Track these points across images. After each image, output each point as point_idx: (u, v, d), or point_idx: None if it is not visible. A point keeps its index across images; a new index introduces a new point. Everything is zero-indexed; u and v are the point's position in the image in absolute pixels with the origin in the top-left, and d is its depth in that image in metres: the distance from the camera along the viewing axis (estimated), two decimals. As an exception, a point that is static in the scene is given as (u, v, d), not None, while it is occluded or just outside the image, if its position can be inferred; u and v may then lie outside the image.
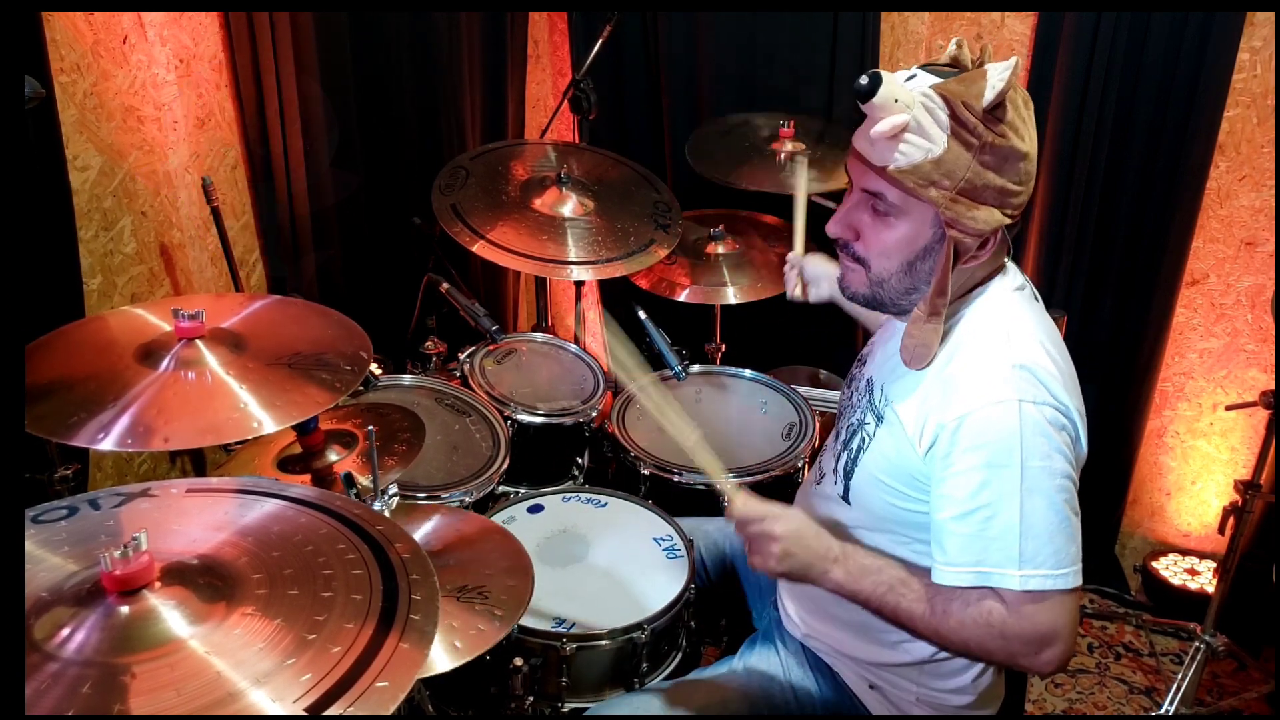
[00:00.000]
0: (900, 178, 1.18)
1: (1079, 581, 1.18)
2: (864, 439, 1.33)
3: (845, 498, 1.36)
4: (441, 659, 1.25)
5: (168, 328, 1.28)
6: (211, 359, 1.24)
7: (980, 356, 1.22)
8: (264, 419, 1.17)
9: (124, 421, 1.12)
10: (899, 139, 1.17)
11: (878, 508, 1.32)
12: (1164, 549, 2.81)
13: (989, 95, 1.13)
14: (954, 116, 1.15)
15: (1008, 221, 1.21)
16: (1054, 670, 1.21)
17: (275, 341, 1.32)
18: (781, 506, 1.31)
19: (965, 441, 1.18)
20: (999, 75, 1.13)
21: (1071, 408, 1.20)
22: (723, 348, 2.58)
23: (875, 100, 1.15)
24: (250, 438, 1.21)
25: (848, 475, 1.35)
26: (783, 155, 2.45)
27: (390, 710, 0.79)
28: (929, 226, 1.22)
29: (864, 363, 1.45)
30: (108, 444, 1.10)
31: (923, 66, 1.22)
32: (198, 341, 1.25)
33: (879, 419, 1.31)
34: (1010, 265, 1.32)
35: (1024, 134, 1.18)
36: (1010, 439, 1.16)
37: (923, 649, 1.33)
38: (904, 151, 1.17)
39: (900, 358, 1.27)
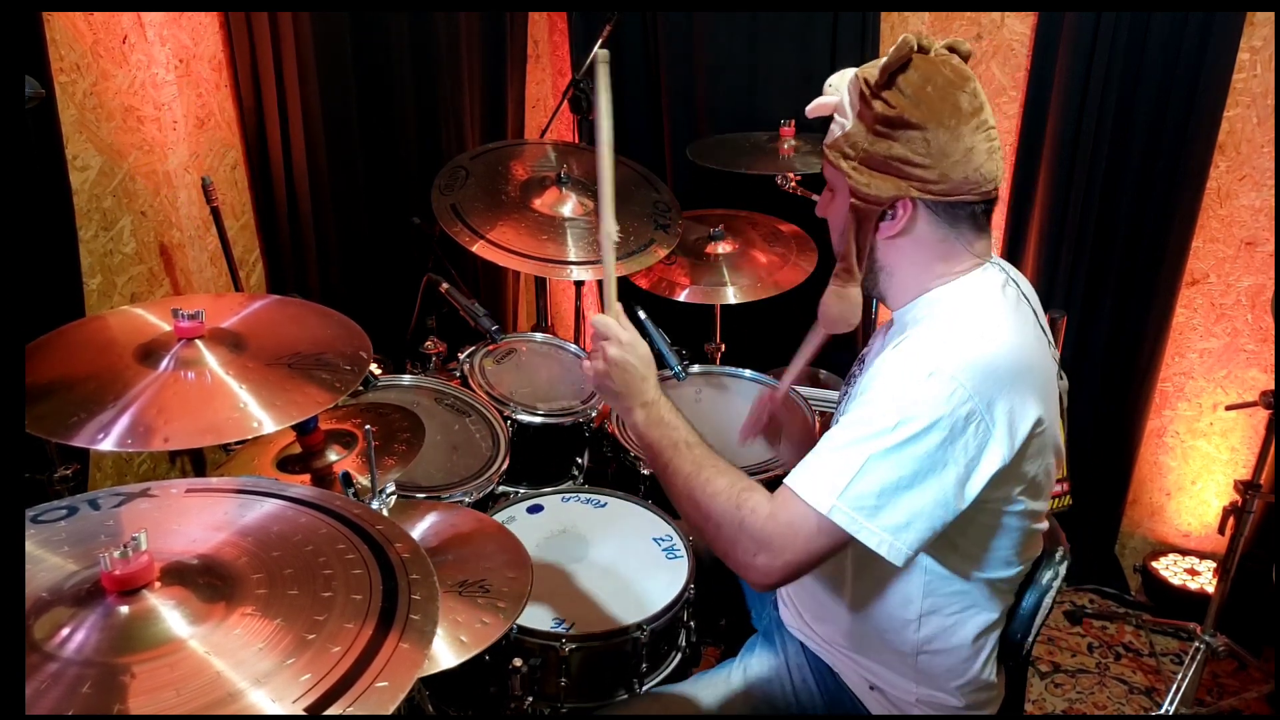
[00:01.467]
0: (827, 152, 1.30)
1: (884, 551, 1.15)
2: None
3: None
4: (448, 654, 1.26)
5: (167, 328, 1.28)
6: (211, 359, 1.24)
7: (932, 332, 1.22)
8: (264, 419, 1.17)
9: (124, 421, 1.12)
10: (833, 119, 1.29)
11: None
12: (1164, 549, 2.81)
13: (876, 69, 1.21)
14: (860, 92, 1.24)
15: (914, 194, 1.22)
16: (760, 582, 1.21)
17: (275, 341, 1.32)
18: (632, 338, 1.34)
19: (871, 379, 1.21)
20: (891, 50, 1.20)
21: (998, 417, 1.16)
22: (722, 348, 2.58)
23: (824, 86, 1.31)
24: (250, 438, 1.20)
25: None
26: (784, 150, 2.46)
27: (390, 710, 0.79)
28: (848, 198, 1.28)
29: (864, 363, 1.45)
30: (108, 444, 1.10)
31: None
32: (197, 341, 1.25)
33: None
34: (996, 265, 1.32)
35: (929, 106, 1.18)
36: (903, 392, 1.15)
37: (915, 639, 1.34)
38: (832, 130, 1.30)
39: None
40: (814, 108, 1.32)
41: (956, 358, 1.16)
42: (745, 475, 1.25)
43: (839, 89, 1.28)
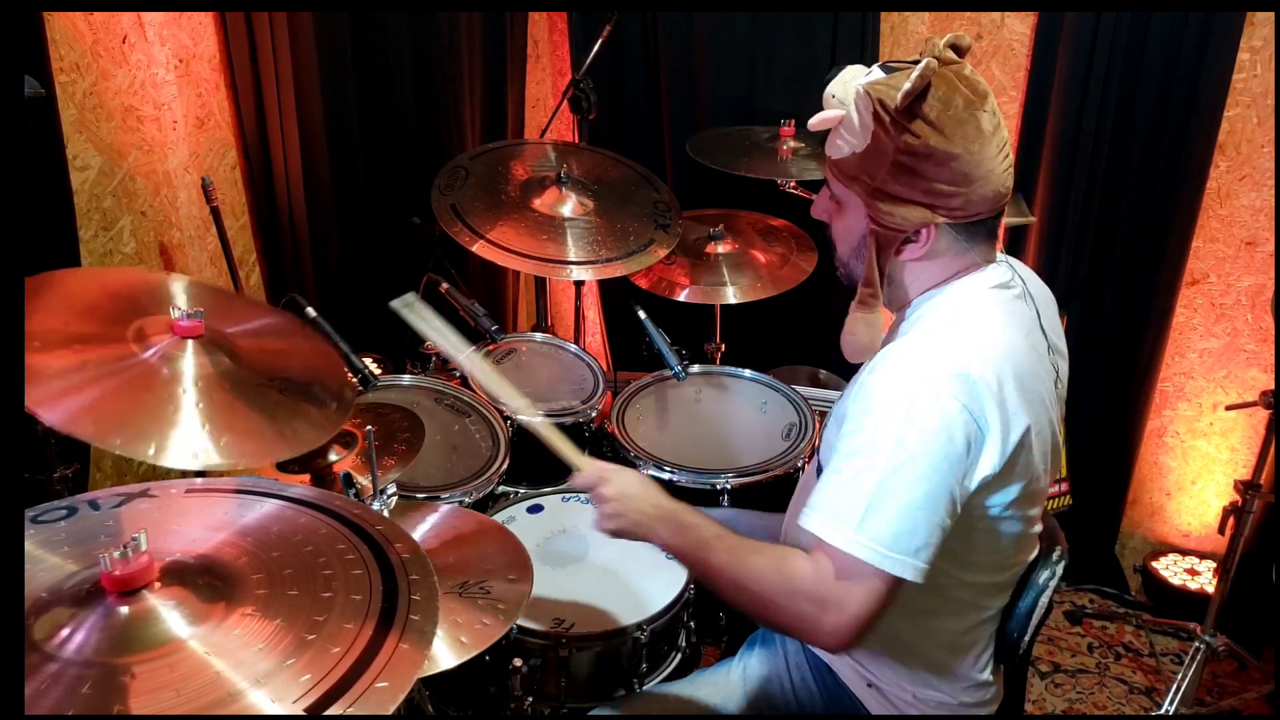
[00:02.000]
0: (835, 170, 1.26)
1: (908, 575, 1.14)
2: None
3: None
4: (448, 655, 1.26)
5: (176, 314, 1.22)
6: (190, 367, 1.18)
7: (920, 340, 1.22)
8: (207, 451, 1.09)
9: (80, 401, 1.06)
10: (837, 133, 1.24)
11: None
12: (1164, 549, 2.81)
13: (899, 95, 1.16)
14: (875, 115, 1.19)
15: (940, 220, 1.21)
16: (828, 645, 1.20)
17: (266, 364, 1.28)
18: (616, 469, 1.35)
19: (863, 402, 1.19)
20: (914, 74, 1.15)
21: (991, 424, 1.16)
22: (722, 348, 2.58)
23: (824, 95, 1.25)
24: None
25: (818, 472, 1.35)
26: (784, 151, 2.46)
27: (390, 711, 0.79)
28: (863, 218, 1.26)
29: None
30: (51, 418, 1.03)
31: (883, 65, 1.24)
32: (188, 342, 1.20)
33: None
34: (1000, 263, 1.31)
35: (952, 133, 1.16)
36: (898, 411, 1.15)
37: (907, 638, 1.33)
38: (838, 145, 1.25)
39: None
40: (818, 122, 1.27)
41: (942, 373, 1.16)
42: (778, 545, 1.24)
43: (843, 100, 1.23)
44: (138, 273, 1.32)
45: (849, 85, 1.23)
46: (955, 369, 1.16)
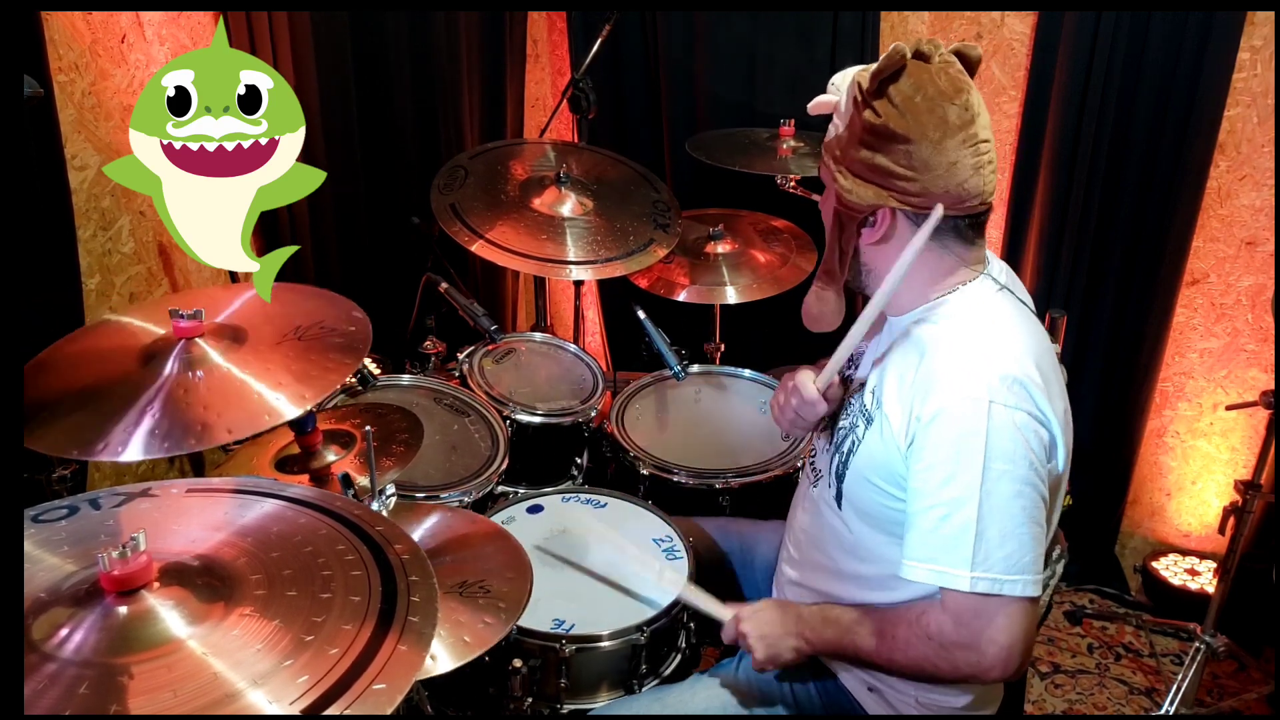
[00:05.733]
0: (822, 152, 1.31)
1: (1033, 592, 1.17)
2: (854, 441, 1.33)
3: (838, 500, 1.37)
4: (452, 655, 1.25)
5: (161, 331, 1.28)
6: (216, 355, 1.25)
7: (960, 356, 1.22)
8: (304, 394, 1.21)
9: (152, 427, 1.15)
10: (832, 119, 1.29)
11: (869, 508, 1.33)
12: (1164, 549, 2.81)
13: (867, 76, 1.20)
14: (853, 95, 1.23)
15: (893, 204, 1.22)
16: (1001, 676, 1.20)
17: (273, 325, 1.34)
18: (750, 607, 1.41)
19: (934, 437, 1.19)
20: (883, 57, 1.19)
21: (1052, 418, 1.20)
22: (722, 348, 2.58)
23: (828, 84, 1.31)
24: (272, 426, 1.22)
25: (839, 478, 1.36)
26: (783, 150, 2.46)
27: (388, 711, 0.79)
28: (834, 200, 1.29)
29: (855, 365, 1.44)
30: (133, 454, 1.12)
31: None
32: (199, 340, 1.26)
33: (868, 421, 1.32)
34: (992, 269, 1.32)
35: (914, 118, 1.18)
36: (976, 439, 1.16)
37: None
38: (829, 130, 1.30)
39: (805, 321, 1.37)
40: (814, 106, 1.32)
41: (996, 387, 1.17)
42: (905, 607, 1.26)
43: (840, 88, 1.27)
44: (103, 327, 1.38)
45: (849, 74, 1.26)
46: (1003, 376, 1.18)
